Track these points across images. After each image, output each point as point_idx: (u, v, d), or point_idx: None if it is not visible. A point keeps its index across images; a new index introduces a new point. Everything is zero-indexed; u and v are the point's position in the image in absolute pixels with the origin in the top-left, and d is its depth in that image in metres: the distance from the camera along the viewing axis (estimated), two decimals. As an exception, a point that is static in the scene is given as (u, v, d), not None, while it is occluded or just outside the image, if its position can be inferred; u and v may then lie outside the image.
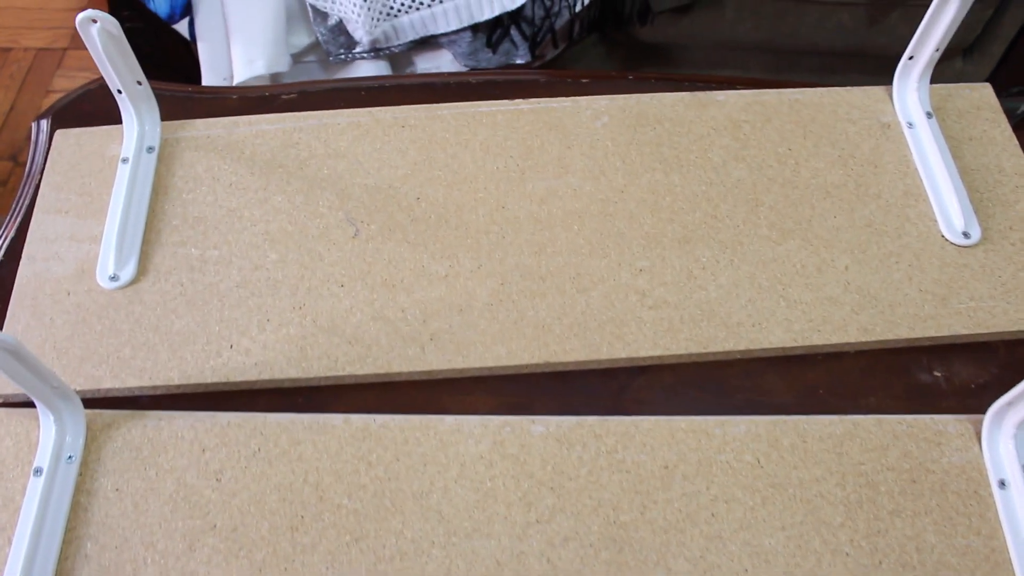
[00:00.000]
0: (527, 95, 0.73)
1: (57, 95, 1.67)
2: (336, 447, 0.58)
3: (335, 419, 0.59)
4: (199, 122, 0.72)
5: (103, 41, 0.61)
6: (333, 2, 0.90)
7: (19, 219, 0.69)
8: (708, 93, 0.74)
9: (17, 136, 1.60)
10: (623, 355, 0.60)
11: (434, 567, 0.54)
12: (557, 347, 0.61)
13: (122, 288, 0.64)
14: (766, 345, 0.61)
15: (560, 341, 0.61)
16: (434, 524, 0.55)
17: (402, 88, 0.75)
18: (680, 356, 0.61)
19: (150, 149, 0.69)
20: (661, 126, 0.72)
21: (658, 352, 0.61)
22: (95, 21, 0.60)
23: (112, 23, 0.61)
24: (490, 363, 0.60)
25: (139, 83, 0.67)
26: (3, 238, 0.69)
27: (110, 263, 0.64)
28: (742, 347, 0.61)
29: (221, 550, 0.55)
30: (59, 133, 0.72)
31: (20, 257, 0.66)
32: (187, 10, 1.00)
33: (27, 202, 0.70)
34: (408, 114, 0.72)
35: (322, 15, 0.94)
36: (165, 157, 0.70)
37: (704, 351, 0.61)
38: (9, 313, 0.64)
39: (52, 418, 0.58)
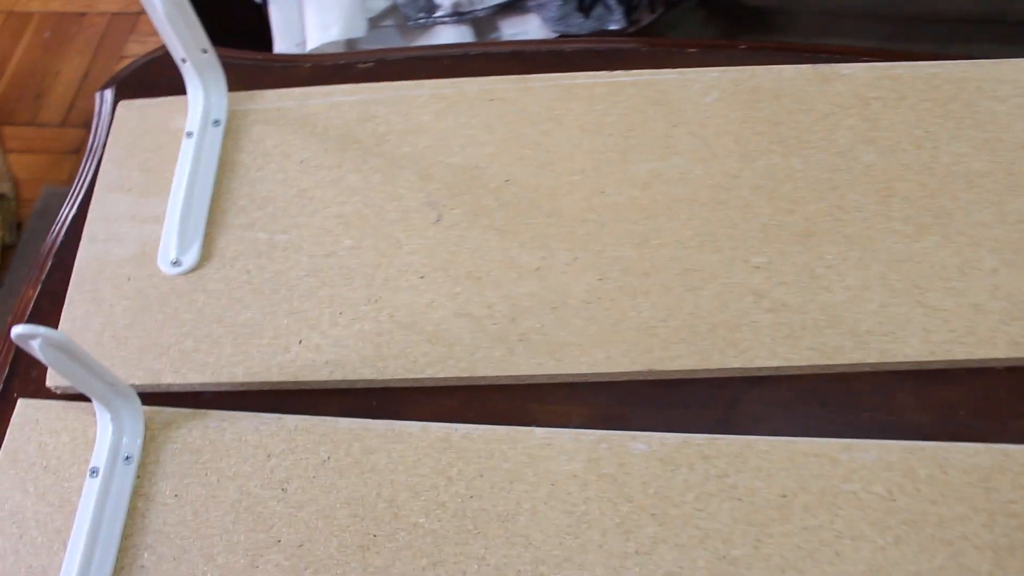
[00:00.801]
0: (627, 66, 0.66)
1: (131, 60, 1.65)
2: (413, 458, 0.52)
3: (412, 427, 0.53)
4: (269, 93, 0.67)
5: (165, 7, 0.56)
6: (413, -38, 0.84)
7: (81, 196, 0.65)
8: (831, 66, 0.65)
9: (92, 103, 1.58)
10: (736, 364, 0.53)
11: (520, 600, 0.48)
12: (662, 353, 0.54)
13: (185, 274, 0.59)
14: (900, 358, 0.53)
15: (665, 346, 0.54)
16: (520, 551, 0.49)
17: (489, 57, 0.69)
18: (801, 368, 0.54)
19: (216, 122, 0.64)
20: (779, 102, 0.63)
21: (776, 362, 0.53)
22: (158, -18, 0.55)
23: (177, -16, 0.56)
24: (585, 369, 0.54)
25: (204, 51, 0.62)
26: (65, 215, 0.65)
27: (172, 247, 0.60)
28: (872, 359, 0.53)
29: (285, 568, 0.50)
30: (122, 104, 0.67)
31: (81, 237, 0.62)
32: (259, -29, 0.94)
33: (89, 177, 0.65)
34: (496, 86, 0.65)
35: (401, -23, 0.87)
36: (232, 131, 0.65)
37: (829, 362, 0.53)
38: (68, 298, 0.60)
39: (109, 416, 0.54)
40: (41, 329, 0.46)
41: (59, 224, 0.65)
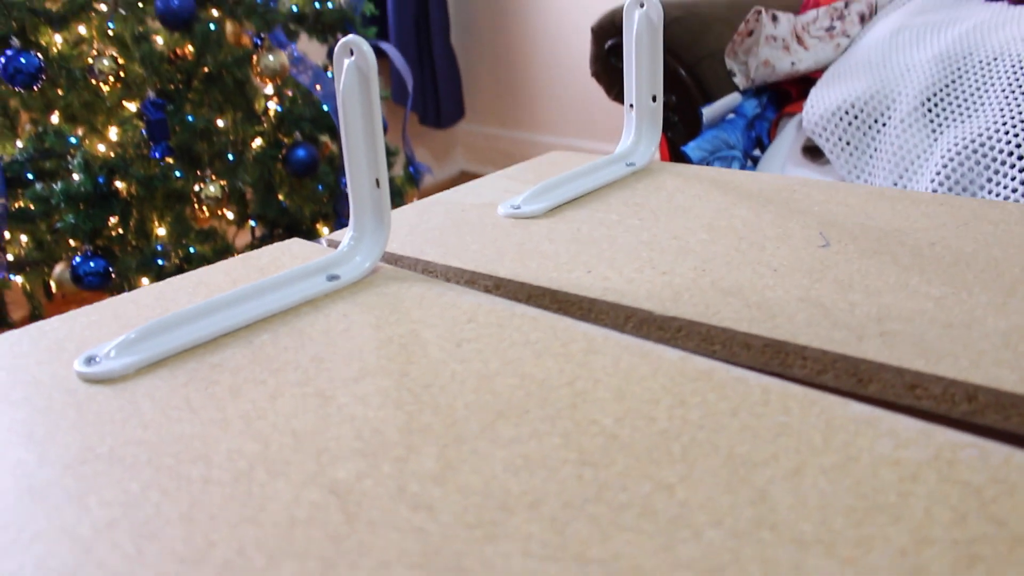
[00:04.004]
0: None
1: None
2: (647, 373, 0.33)
3: (670, 353, 0.35)
4: (698, 168, 0.60)
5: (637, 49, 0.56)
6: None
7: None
8: None
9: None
10: None
11: None
12: None
13: (514, 215, 0.51)
14: None
15: None
16: (741, 500, 0.26)
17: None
18: None
19: (630, 164, 0.59)
20: None
21: None
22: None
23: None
24: (979, 378, 0.31)
25: (654, 99, 0.59)
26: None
27: (520, 198, 0.53)
28: None
29: (387, 393, 0.32)
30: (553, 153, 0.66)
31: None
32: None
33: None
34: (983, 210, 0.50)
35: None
36: (648, 169, 0.59)
37: None
38: (409, 204, 0.55)
39: (351, 235, 0.45)
40: (364, 44, 0.42)
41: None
